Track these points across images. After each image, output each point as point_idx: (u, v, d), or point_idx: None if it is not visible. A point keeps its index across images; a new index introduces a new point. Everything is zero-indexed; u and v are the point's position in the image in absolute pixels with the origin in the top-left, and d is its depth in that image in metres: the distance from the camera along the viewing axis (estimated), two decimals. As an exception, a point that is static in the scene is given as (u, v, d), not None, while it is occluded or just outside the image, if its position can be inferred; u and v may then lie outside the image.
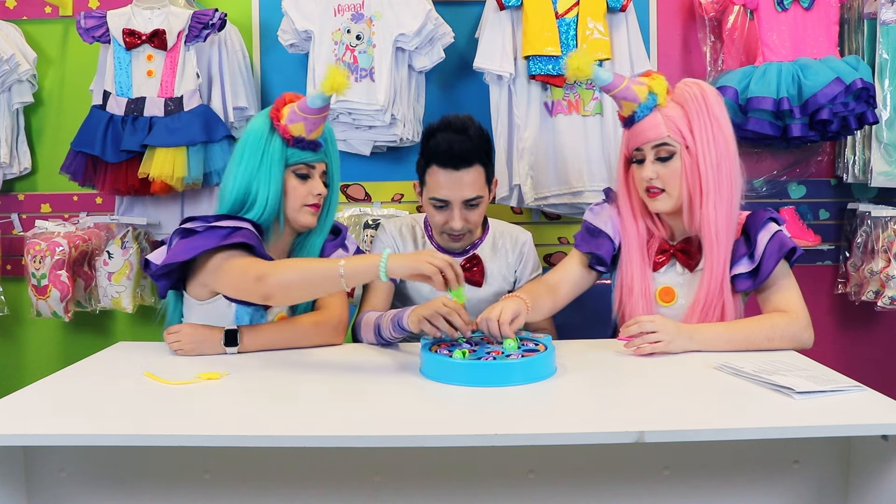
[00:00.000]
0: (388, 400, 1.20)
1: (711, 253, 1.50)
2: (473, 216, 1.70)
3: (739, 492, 1.17)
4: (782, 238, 1.50)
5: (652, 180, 1.51)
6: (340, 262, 1.33)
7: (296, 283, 1.37)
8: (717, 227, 1.49)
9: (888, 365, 2.59)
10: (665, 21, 2.51)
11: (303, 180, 1.55)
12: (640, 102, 1.50)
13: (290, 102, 1.53)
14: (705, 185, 1.47)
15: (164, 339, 1.50)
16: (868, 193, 2.52)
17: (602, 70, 1.52)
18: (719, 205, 1.48)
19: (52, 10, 2.48)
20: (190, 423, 1.09)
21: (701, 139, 1.47)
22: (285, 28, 2.30)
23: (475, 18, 2.43)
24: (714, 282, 1.50)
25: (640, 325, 1.41)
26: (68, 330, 2.57)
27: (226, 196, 1.54)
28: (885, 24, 2.26)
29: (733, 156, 1.50)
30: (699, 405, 1.13)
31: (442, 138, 1.65)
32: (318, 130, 1.54)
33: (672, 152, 1.49)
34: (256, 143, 1.52)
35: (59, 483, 1.17)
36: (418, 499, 1.17)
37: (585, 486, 1.17)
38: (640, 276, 1.58)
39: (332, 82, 1.44)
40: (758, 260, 1.50)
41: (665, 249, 1.59)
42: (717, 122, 1.47)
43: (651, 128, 1.50)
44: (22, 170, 2.49)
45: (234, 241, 1.42)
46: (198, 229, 1.45)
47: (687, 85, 1.51)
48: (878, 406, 1.10)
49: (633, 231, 1.60)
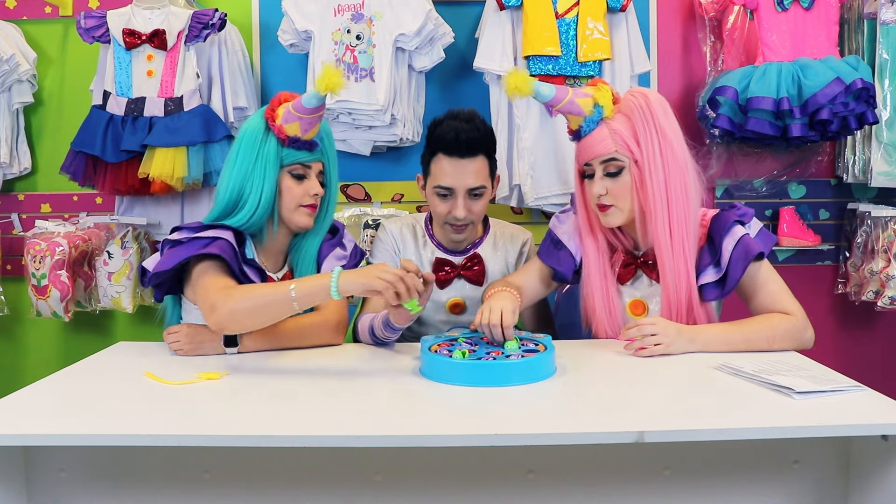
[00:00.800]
0: (389, 400, 1.20)
1: (665, 268, 1.45)
2: (476, 207, 1.71)
3: (739, 492, 1.17)
4: (748, 242, 1.44)
5: (601, 196, 1.47)
6: (291, 286, 1.32)
7: (247, 312, 1.34)
8: (671, 241, 1.44)
9: (888, 365, 2.59)
10: (665, 21, 2.52)
11: (299, 181, 1.53)
12: (586, 116, 1.46)
13: (286, 102, 1.51)
14: (653, 201, 1.43)
15: (164, 339, 1.50)
16: (868, 193, 2.52)
17: (542, 85, 1.46)
18: (671, 218, 1.43)
19: (52, 10, 2.48)
20: (190, 423, 1.09)
21: (647, 152, 1.43)
22: (285, 28, 2.30)
23: (475, 18, 2.44)
24: (676, 294, 1.46)
25: (639, 328, 1.40)
26: (68, 330, 2.57)
27: (220, 196, 1.53)
28: (885, 24, 2.26)
29: (683, 165, 1.44)
30: (699, 405, 1.13)
31: (448, 127, 1.66)
32: (314, 130, 1.52)
33: (621, 167, 1.45)
34: (251, 143, 1.51)
35: (59, 483, 1.17)
36: (418, 499, 1.17)
37: (585, 486, 1.17)
38: (601, 293, 1.53)
39: (328, 82, 1.42)
40: (724, 268, 1.45)
41: (629, 263, 1.55)
42: (664, 134, 1.42)
43: (598, 142, 1.46)
44: (22, 170, 2.49)
45: (209, 252, 1.41)
46: (183, 240, 1.45)
47: (633, 95, 1.46)
48: (878, 406, 1.10)
49: (591, 247, 1.55)
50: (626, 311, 1.56)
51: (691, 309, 1.47)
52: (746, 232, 1.46)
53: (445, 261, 1.79)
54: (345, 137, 2.33)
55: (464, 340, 1.41)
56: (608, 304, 1.53)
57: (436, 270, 1.79)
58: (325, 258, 1.62)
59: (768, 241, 1.49)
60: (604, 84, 1.48)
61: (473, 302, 1.81)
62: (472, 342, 1.40)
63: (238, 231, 1.50)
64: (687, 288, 1.46)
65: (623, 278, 1.55)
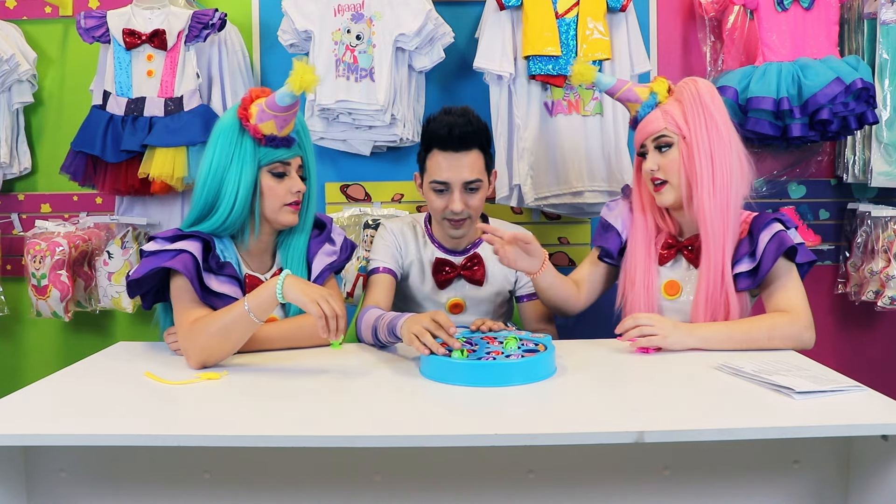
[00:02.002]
0: (388, 400, 1.20)
1: (708, 243, 1.52)
2: (473, 201, 1.71)
3: (739, 492, 1.17)
4: (783, 237, 1.51)
5: (654, 171, 1.58)
6: (245, 302, 1.34)
7: (216, 342, 1.35)
8: (712, 217, 1.51)
9: (888, 365, 2.59)
10: (665, 21, 2.51)
11: (280, 178, 1.50)
12: (643, 102, 1.60)
13: (257, 99, 1.46)
14: (699, 173, 1.52)
15: (164, 339, 1.50)
16: (868, 193, 2.52)
17: (604, 75, 1.66)
18: (714, 194, 1.51)
19: (52, 10, 2.48)
20: (190, 423, 1.09)
21: (694, 128, 1.53)
22: (285, 28, 2.30)
23: (475, 18, 2.43)
24: (712, 274, 1.52)
25: (634, 318, 1.44)
26: (68, 330, 2.57)
27: (196, 198, 1.49)
28: (885, 24, 2.26)
29: (729, 147, 1.53)
30: (699, 405, 1.13)
31: (442, 122, 1.68)
32: (290, 126, 1.48)
33: (670, 143, 1.56)
34: (225, 144, 1.46)
35: (59, 483, 1.17)
36: (418, 499, 1.17)
37: (585, 486, 1.17)
38: (643, 268, 1.62)
39: (301, 80, 1.37)
40: (758, 258, 1.51)
41: (672, 245, 1.63)
42: (709, 113, 1.53)
43: (651, 122, 1.58)
44: (22, 170, 2.49)
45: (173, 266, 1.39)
46: (156, 250, 1.43)
47: (685, 82, 1.58)
48: (878, 406, 1.10)
49: (640, 224, 1.66)
50: (662, 291, 1.63)
51: (726, 294, 1.52)
52: (782, 229, 1.52)
53: (445, 261, 1.79)
54: (345, 137, 2.33)
55: (464, 341, 1.41)
56: (647, 279, 1.62)
57: (436, 270, 1.79)
58: (315, 255, 1.60)
59: (806, 254, 1.55)
60: (662, 78, 1.62)
61: (473, 302, 1.81)
62: (472, 342, 1.40)
63: (210, 237, 1.47)
64: (722, 270, 1.52)
65: (663, 259, 1.63)
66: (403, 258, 1.81)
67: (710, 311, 1.52)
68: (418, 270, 1.81)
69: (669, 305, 1.61)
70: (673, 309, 1.60)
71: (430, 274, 1.80)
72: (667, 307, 1.62)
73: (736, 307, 1.52)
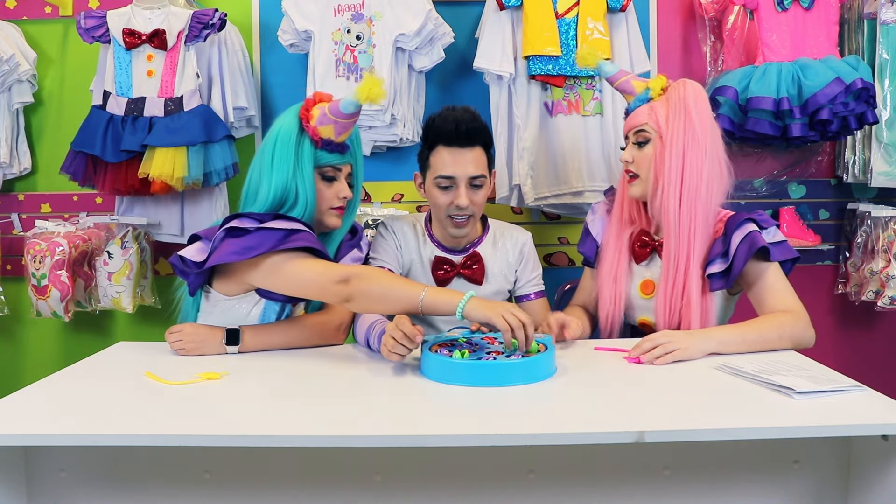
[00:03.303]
0: (389, 400, 1.20)
1: (669, 243, 1.52)
2: (477, 197, 1.72)
3: (739, 492, 1.17)
4: (754, 237, 1.49)
5: (628, 163, 1.60)
6: (422, 292, 1.34)
7: (375, 296, 1.38)
8: (676, 218, 1.51)
9: (888, 365, 2.59)
10: (665, 21, 2.52)
11: (329, 182, 1.55)
12: (636, 95, 1.61)
13: (320, 103, 1.51)
14: (667, 173, 1.52)
15: (166, 338, 1.50)
16: (868, 193, 2.52)
17: (607, 63, 1.69)
18: (680, 195, 1.50)
19: (52, 10, 2.48)
20: (190, 423, 1.09)
21: (672, 129, 1.53)
22: (285, 28, 2.30)
23: (475, 18, 2.44)
24: (671, 275, 1.51)
25: (652, 340, 1.38)
26: (68, 330, 2.57)
27: (260, 196, 1.50)
28: (885, 24, 2.26)
29: (703, 151, 1.51)
30: (699, 405, 1.13)
31: (448, 118, 1.68)
32: (347, 133, 1.53)
33: (647, 138, 1.57)
34: (287, 143, 1.50)
35: (59, 483, 1.17)
36: (418, 499, 1.17)
37: (585, 486, 1.17)
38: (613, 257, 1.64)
39: (369, 92, 1.44)
40: (730, 259, 1.50)
41: (646, 243, 1.62)
42: (689, 116, 1.51)
43: (636, 115, 1.60)
44: (22, 170, 2.49)
45: (296, 245, 1.41)
46: (249, 229, 1.42)
47: (677, 83, 1.58)
48: (878, 406, 1.10)
49: (616, 216, 1.67)
50: (638, 290, 1.62)
51: (688, 296, 1.50)
52: (755, 229, 1.50)
53: (445, 259, 1.79)
54: (345, 137, 2.33)
55: (464, 341, 1.41)
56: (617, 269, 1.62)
57: (435, 269, 1.79)
58: (343, 257, 1.63)
59: (785, 251, 1.53)
60: (661, 76, 1.63)
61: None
62: (473, 342, 1.40)
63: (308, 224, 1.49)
64: (685, 272, 1.51)
65: (639, 257, 1.63)
66: (403, 257, 1.81)
67: (669, 313, 1.52)
68: (418, 269, 1.81)
69: (645, 304, 1.61)
70: (648, 308, 1.60)
71: (429, 272, 1.80)
72: (643, 306, 1.62)
73: (698, 310, 1.50)
